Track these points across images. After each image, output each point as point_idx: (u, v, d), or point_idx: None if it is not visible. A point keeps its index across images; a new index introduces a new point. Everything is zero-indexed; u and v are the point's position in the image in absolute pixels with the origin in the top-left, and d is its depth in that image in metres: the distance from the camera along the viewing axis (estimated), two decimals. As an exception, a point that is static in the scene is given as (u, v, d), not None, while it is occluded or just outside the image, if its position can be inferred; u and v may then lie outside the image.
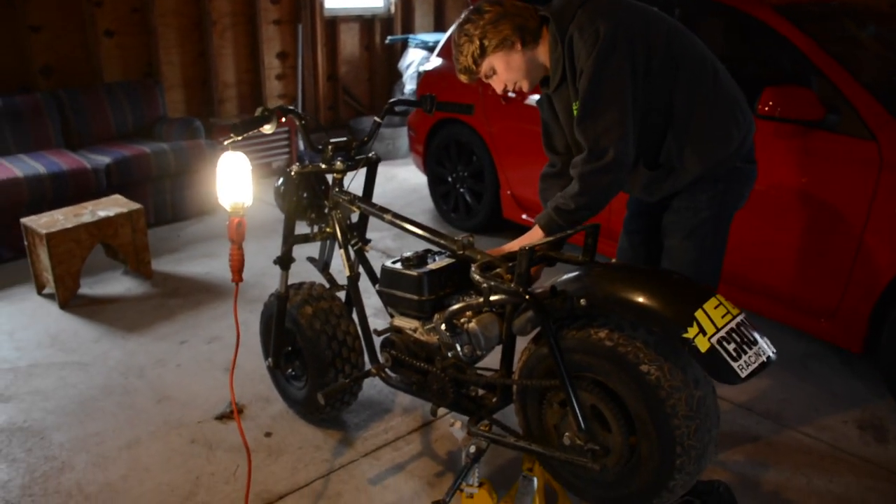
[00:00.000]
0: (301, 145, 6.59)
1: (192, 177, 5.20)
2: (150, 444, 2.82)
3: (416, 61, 6.84)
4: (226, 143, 2.19)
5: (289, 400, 2.98)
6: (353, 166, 2.55)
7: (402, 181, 6.30)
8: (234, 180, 2.20)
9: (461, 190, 5.08)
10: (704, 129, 2.23)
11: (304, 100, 6.81)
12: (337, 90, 7.16)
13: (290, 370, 2.90)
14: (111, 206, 4.18)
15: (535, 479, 2.26)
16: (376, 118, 2.61)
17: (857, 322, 3.09)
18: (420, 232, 2.29)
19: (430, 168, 5.24)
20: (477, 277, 1.99)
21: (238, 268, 2.26)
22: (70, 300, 3.95)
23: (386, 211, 2.40)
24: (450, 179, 5.13)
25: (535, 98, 4.32)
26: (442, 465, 2.70)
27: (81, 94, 5.23)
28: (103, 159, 4.82)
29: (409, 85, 6.99)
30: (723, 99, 2.26)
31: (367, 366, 2.62)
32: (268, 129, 2.30)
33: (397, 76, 7.26)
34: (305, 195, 2.63)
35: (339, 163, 2.51)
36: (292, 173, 2.52)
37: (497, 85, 2.31)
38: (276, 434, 2.88)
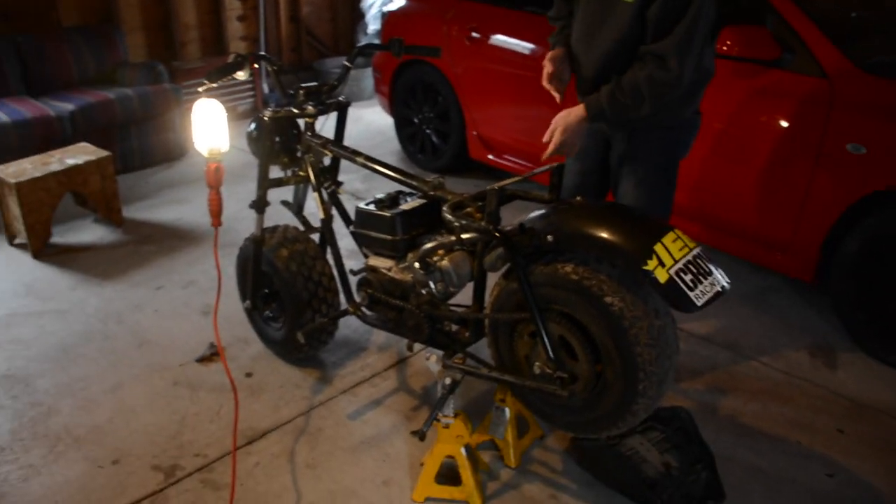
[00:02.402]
0: (266, 89, 6.53)
1: (157, 122, 5.16)
2: (133, 387, 2.90)
3: (379, 1, 6.76)
4: (200, 90, 2.22)
5: (267, 341, 3.07)
6: (325, 110, 2.59)
7: (369, 123, 6.30)
8: (210, 127, 2.24)
9: (427, 131, 5.11)
10: (701, 69, 2.33)
11: (267, 42, 6.72)
12: (300, 31, 7.05)
13: (267, 312, 2.98)
14: (80, 154, 4.16)
15: (507, 410, 2.40)
16: (346, 62, 2.64)
17: (809, 254, 3.23)
18: (391, 174, 2.35)
19: (397, 109, 5.25)
20: (448, 217, 2.07)
21: (217, 212, 2.32)
22: (42, 249, 3.96)
23: (358, 154, 2.46)
24: (416, 120, 5.15)
25: (499, 38, 4.35)
26: (418, 399, 2.82)
27: (40, 39, 5.11)
28: (67, 106, 4.76)
29: (373, 25, 6.92)
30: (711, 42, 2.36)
31: (344, 305, 2.70)
32: (241, 75, 2.33)
33: (360, 16, 7.17)
34: (278, 139, 2.67)
35: (310, 107, 2.55)
36: (265, 118, 2.55)
37: None
38: (257, 374, 2.97)
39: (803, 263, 3.27)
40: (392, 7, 5.22)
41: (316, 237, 2.89)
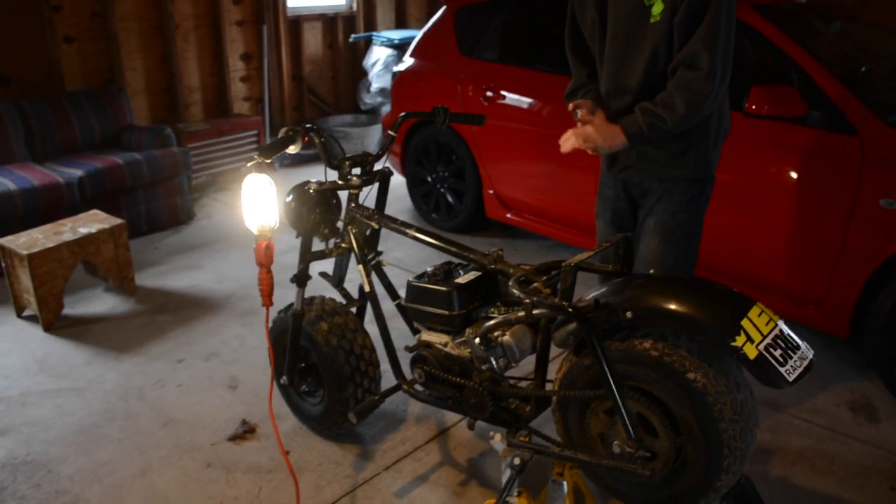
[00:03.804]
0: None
1: (166, 186, 5.07)
2: (163, 471, 2.75)
3: (382, 59, 6.78)
4: (250, 165, 2.14)
5: (302, 416, 2.94)
6: (369, 181, 2.53)
7: (376, 181, 6.24)
8: (261, 203, 2.16)
9: (441, 190, 5.06)
10: (723, 119, 2.35)
11: (271, 101, 6.70)
12: (302, 90, 7.05)
13: (303, 386, 2.87)
14: (91, 222, 4.05)
15: (565, 484, 2.29)
16: (390, 132, 2.58)
17: (843, 310, 3.20)
18: (448, 247, 2.28)
19: (409, 169, 5.20)
20: (518, 293, 1.99)
21: (268, 291, 2.21)
22: (54, 322, 3.83)
23: (408, 226, 2.39)
24: (430, 179, 5.11)
25: (514, 97, 4.34)
26: (464, 473, 2.71)
27: (44, 103, 5.05)
28: (75, 172, 4.66)
29: (376, 83, 6.93)
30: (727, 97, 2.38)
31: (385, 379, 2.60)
32: (293, 149, 2.26)
33: (362, 74, 7.19)
34: (318, 210, 2.59)
35: (356, 178, 2.49)
36: (311, 190, 2.48)
37: None
38: (294, 451, 2.84)
39: (837, 319, 3.24)
40: (402, 67, 5.22)
41: (355, 309, 2.80)
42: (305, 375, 2.83)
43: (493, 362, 2.17)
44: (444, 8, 5.01)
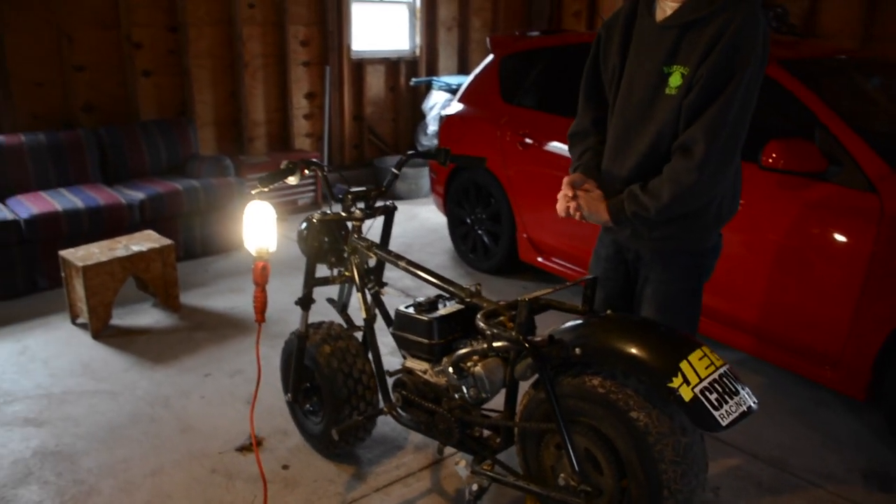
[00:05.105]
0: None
1: (221, 213, 5.42)
2: (173, 473, 2.97)
3: (440, 103, 7.04)
4: (253, 192, 2.36)
5: (306, 434, 3.12)
6: (371, 214, 2.72)
7: (424, 220, 6.47)
8: (260, 227, 2.38)
9: (479, 231, 5.23)
10: (725, 203, 2.27)
11: (331, 139, 7.03)
12: (362, 129, 7.38)
13: (307, 405, 3.05)
14: (144, 241, 4.39)
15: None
16: (393, 169, 2.78)
17: (860, 370, 3.14)
18: (430, 279, 2.44)
19: (450, 209, 5.40)
20: (481, 325, 2.13)
21: (261, 309, 2.42)
22: (102, 330, 4.15)
23: (400, 258, 2.56)
24: (468, 221, 5.29)
25: (549, 144, 4.49)
26: (450, 502, 2.82)
27: (119, 131, 5.49)
28: (137, 195, 5.05)
29: (432, 126, 7.19)
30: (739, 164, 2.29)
31: (381, 404, 2.76)
32: (292, 180, 2.48)
33: (421, 116, 7.48)
34: (326, 240, 2.79)
35: (357, 211, 2.68)
36: (314, 220, 2.69)
37: None
38: (293, 466, 3.02)
39: (854, 380, 3.18)
40: (449, 112, 5.45)
41: (360, 335, 2.98)
42: (310, 395, 3.02)
43: (465, 391, 2.30)
44: (491, 56, 5.23)
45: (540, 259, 4.77)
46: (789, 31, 5.85)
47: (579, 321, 2.11)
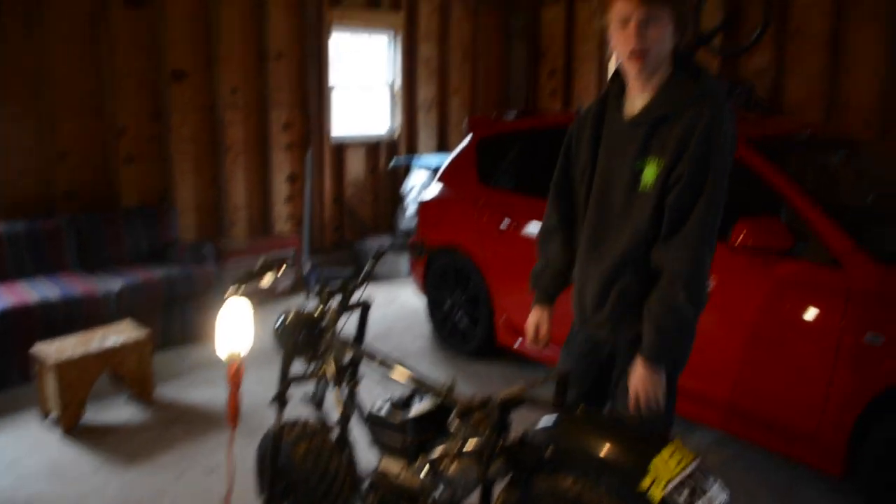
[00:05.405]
0: (304, 269, 6.78)
1: (200, 301, 5.36)
2: (142, 582, 2.86)
3: (419, 184, 7.10)
4: (227, 295, 2.34)
5: (282, 535, 3.01)
6: (345, 310, 2.69)
7: (404, 303, 6.43)
8: (235, 328, 2.34)
9: (458, 314, 5.19)
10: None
11: (312, 221, 7.05)
12: (343, 212, 7.42)
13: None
14: (121, 333, 4.31)
15: None
16: (366, 268, 2.76)
17: (836, 447, 3.13)
18: (404, 379, 2.41)
19: (430, 292, 5.38)
20: (453, 427, 2.09)
21: (234, 414, 2.36)
22: (73, 427, 4.04)
23: (374, 357, 2.53)
24: (448, 303, 5.26)
25: (526, 227, 4.50)
26: None
27: (100, 218, 5.48)
28: (115, 284, 4.98)
29: (412, 208, 7.24)
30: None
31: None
32: (269, 277, 2.47)
33: (401, 199, 7.53)
34: (302, 334, 2.75)
35: (333, 307, 2.66)
36: (290, 315, 2.66)
37: (637, 34, 2.13)
38: (267, 571, 2.91)
39: (830, 457, 3.16)
40: (426, 197, 5.48)
41: (336, 432, 2.91)
42: (286, 495, 2.92)
43: (439, 494, 2.24)
44: (469, 136, 5.29)
45: (516, 345, 4.70)
46: (757, 106, 6.01)
47: (552, 419, 2.07)
